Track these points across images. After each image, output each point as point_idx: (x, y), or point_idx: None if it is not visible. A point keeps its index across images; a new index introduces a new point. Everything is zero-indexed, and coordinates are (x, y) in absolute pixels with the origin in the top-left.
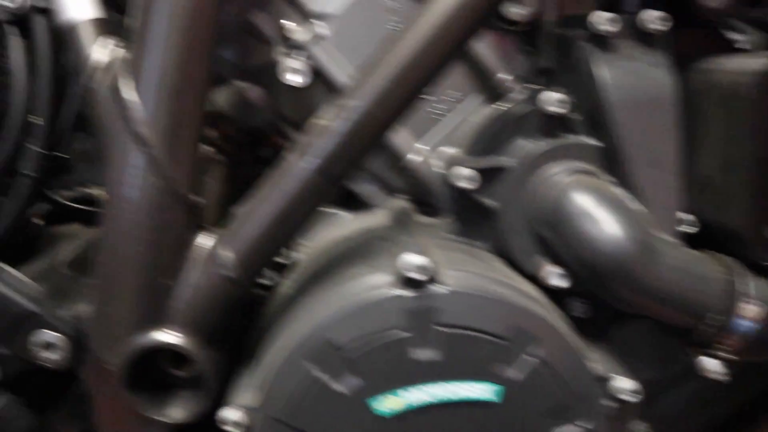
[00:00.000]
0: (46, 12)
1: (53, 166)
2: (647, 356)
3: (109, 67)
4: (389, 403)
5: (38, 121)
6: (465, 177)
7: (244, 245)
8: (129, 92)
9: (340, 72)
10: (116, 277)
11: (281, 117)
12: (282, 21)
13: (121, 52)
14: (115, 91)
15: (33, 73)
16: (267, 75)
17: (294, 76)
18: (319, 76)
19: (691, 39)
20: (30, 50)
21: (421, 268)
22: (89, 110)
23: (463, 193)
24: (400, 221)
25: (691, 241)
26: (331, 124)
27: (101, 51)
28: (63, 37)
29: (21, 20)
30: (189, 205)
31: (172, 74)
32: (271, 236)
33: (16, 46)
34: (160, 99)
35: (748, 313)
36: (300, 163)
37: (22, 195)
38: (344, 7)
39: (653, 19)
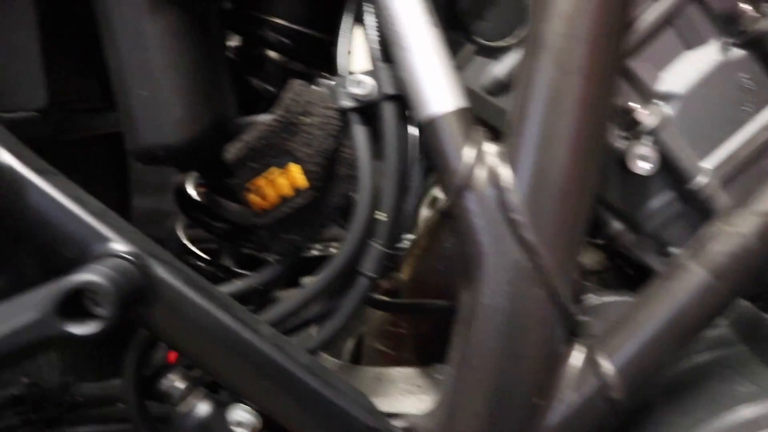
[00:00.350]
0: (397, 99)
1: (390, 266)
2: None
3: (481, 163)
4: None
5: (382, 217)
6: None
7: (628, 360)
8: (510, 193)
9: (687, 159)
10: (479, 395)
11: (603, 203)
12: (628, 103)
13: (494, 148)
14: (493, 191)
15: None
16: None
17: (643, 164)
18: (664, 162)
19: None
20: (374, 139)
21: None
22: (455, 210)
23: None
24: (752, 326)
25: None
26: (737, 230)
27: (471, 146)
28: (422, 129)
29: (366, 108)
30: (570, 318)
31: (561, 172)
32: (660, 350)
33: (361, 135)
34: (547, 200)
35: None
36: (698, 270)
37: (359, 296)
38: (692, 87)
39: None
